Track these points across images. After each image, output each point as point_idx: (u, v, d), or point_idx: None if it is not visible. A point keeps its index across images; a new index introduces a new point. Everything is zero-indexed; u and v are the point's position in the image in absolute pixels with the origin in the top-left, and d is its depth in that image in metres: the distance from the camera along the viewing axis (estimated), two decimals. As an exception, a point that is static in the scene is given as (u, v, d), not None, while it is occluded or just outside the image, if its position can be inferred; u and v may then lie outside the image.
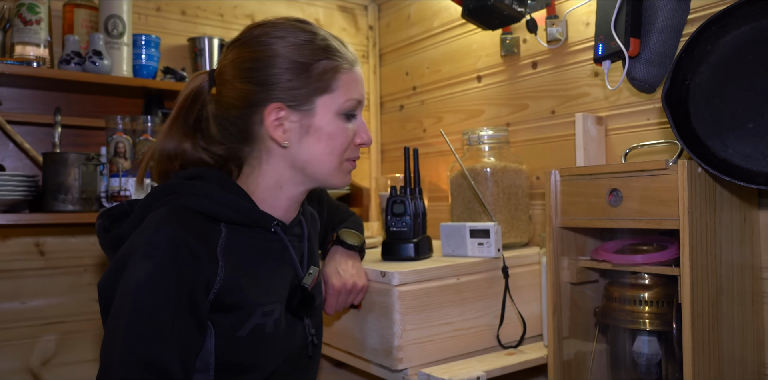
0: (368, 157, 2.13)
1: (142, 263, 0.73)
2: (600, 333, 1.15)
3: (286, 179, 0.89)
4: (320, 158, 0.87)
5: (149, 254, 0.74)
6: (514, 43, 1.57)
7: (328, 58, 0.86)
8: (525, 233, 1.41)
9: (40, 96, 1.53)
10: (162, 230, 0.76)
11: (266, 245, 0.88)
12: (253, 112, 0.85)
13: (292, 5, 1.97)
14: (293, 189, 0.90)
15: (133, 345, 0.70)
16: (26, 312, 1.51)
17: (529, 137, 1.55)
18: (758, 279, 1.05)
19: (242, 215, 0.84)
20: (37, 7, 1.37)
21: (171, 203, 0.82)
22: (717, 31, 0.92)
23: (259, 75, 0.84)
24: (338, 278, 1.07)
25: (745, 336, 1.01)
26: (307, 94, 0.85)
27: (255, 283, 0.83)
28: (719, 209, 0.96)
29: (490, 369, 1.07)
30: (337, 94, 0.86)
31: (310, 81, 0.84)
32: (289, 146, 0.86)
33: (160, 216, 0.79)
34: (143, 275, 0.73)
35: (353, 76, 0.89)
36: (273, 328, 0.85)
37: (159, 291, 0.73)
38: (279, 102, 0.84)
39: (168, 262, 0.74)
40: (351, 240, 1.12)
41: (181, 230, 0.77)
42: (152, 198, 0.84)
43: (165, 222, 0.77)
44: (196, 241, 0.77)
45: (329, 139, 0.87)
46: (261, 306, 0.83)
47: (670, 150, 1.20)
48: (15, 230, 1.51)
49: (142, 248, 0.75)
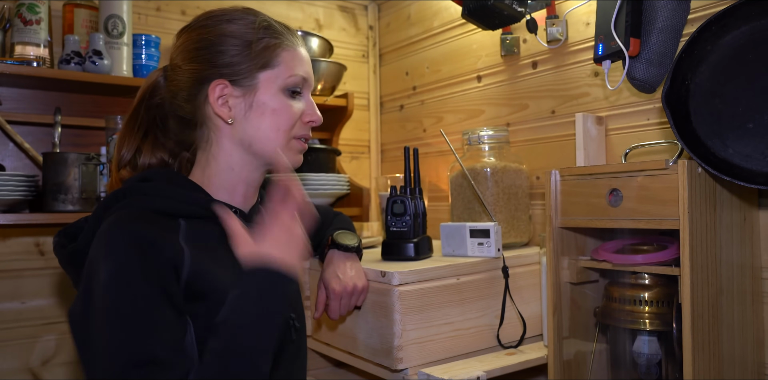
0: (368, 157, 2.13)
1: (105, 266, 0.72)
2: (600, 333, 1.15)
3: (236, 161, 0.89)
4: (266, 134, 0.87)
5: (108, 256, 0.73)
6: (514, 43, 1.57)
7: (269, 37, 0.88)
8: (525, 233, 1.41)
9: (40, 96, 1.53)
10: (116, 231, 0.75)
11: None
12: (199, 91, 0.87)
13: (291, 5, 1.97)
14: (246, 171, 0.90)
15: (118, 346, 0.68)
16: (26, 311, 1.51)
17: (529, 137, 1.55)
18: (758, 279, 1.05)
19: (197, 206, 0.84)
20: (37, 6, 1.37)
21: (124, 207, 0.81)
22: (717, 31, 0.92)
23: (203, 54, 0.86)
24: (338, 282, 1.07)
25: (745, 336, 1.01)
26: (249, 69, 0.86)
27: (223, 267, 0.82)
28: (719, 209, 0.96)
29: (490, 369, 1.07)
30: (279, 69, 0.87)
31: (252, 56, 0.86)
32: (234, 122, 0.87)
33: (115, 219, 0.77)
34: (107, 276, 0.71)
35: (296, 54, 0.89)
36: None
37: (128, 287, 0.71)
38: (222, 78, 0.85)
39: (130, 257, 0.73)
40: (347, 242, 1.12)
41: (136, 226, 0.75)
42: (102, 207, 0.83)
43: (118, 223, 0.76)
44: (154, 233, 0.76)
45: (273, 114, 0.87)
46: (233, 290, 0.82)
47: (670, 150, 1.20)
48: (15, 230, 1.51)
49: (102, 253, 0.73)
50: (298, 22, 1.99)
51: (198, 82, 0.87)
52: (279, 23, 0.91)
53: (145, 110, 0.92)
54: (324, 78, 1.79)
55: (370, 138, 2.13)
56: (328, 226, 1.20)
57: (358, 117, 2.08)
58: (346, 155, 2.07)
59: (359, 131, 2.11)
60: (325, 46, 1.84)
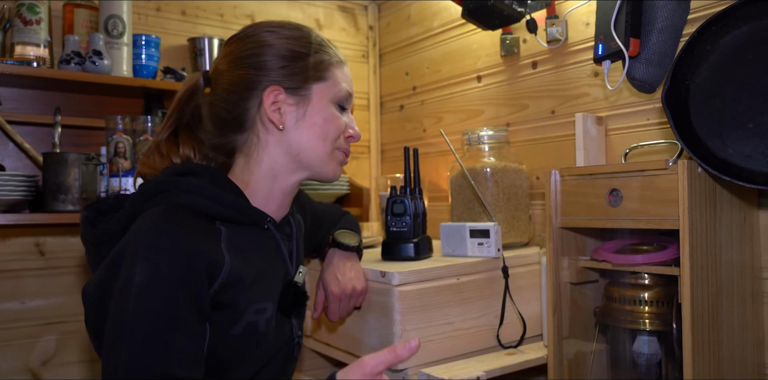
0: (368, 157, 2.13)
1: (142, 267, 0.71)
2: (600, 333, 1.15)
3: (280, 167, 0.89)
4: (314, 143, 0.89)
5: (148, 257, 0.72)
6: (514, 43, 1.57)
7: (322, 52, 0.91)
8: (525, 233, 1.41)
9: (40, 96, 1.53)
10: (161, 231, 0.74)
11: (261, 241, 0.87)
12: (251, 96, 0.87)
13: (292, 5, 1.97)
14: (287, 179, 0.90)
15: (139, 357, 0.68)
16: (26, 312, 1.51)
17: (529, 137, 1.55)
18: (758, 279, 1.05)
19: (236, 211, 0.83)
20: (37, 7, 1.37)
21: (165, 201, 0.80)
22: (717, 31, 0.92)
23: (257, 60, 0.87)
24: (337, 285, 1.07)
25: (745, 336, 1.01)
26: (304, 79, 0.88)
27: (253, 278, 0.83)
28: (719, 209, 0.96)
29: (490, 369, 1.07)
30: (330, 82, 0.90)
31: (306, 68, 0.88)
32: (285, 129, 0.88)
33: (156, 215, 0.77)
34: (144, 280, 0.71)
35: (344, 72, 0.93)
36: (265, 327, 0.85)
37: (163, 297, 0.71)
38: (277, 85, 0.87)
39: (170, 265, 0.72)
40: (347, 241, 1.12)
41: (179, 229, 0.75)
42: (142, 195, 0.82)
43: (163, 222, 0.75)
44: (197, 239, 0.76)
45: (324, 124, 0.90)
46: (254, 303, 0.83)
47: (670, 150, 1.20)
48: (15, 230, 1.51)
49: (141, 251, 0.72)
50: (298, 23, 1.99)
51: (250, 87, 0.87)
52: (329, 41, 0.94)
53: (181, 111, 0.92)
54: (324, 78, 1.78)
55: (370, 138, 2.13)
56: (335, 225, 1.20)
57: (358, 117, 2.08)
58: (346, 155, 2.07)
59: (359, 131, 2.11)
60: (325, 46, 1.84)
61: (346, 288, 1.07)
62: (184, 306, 0.72)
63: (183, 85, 0.92)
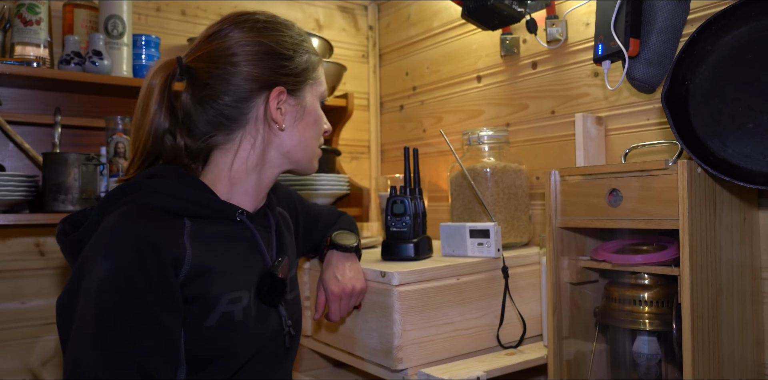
0: (368, 157, 2.13)
1: (103, 265, 0.70)
2: (600, 333, 1.15)
3: (269, 164, 0.90)
4: (307, 143, 0.92)
5: (108, 255, 0.71)
6: (514, 44, 1.57)
7: (311, 52, 0.93)
8: (525, 233, 1.41)
9: (40, 96, 1.53)
10: (118, 229, 0.74)
11: (234, 233, 0.87)
12: (255, 96, 0.87)
13: (292, 5, 1.97)
14: (270, 173, 0.91)
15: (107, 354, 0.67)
16: (26, 312, 1.51)
17: (529, 137, 1.55)
18: (758, 279, 1.05)
19: (204, 207, 0.83)
20: (37, 7, 1.37)
21: (129, 204, 0.80)
22: (717, 31, 0.92)
23: (269, 59, 0.87)
24: (336, 284, 1.07)
25: (745, 336, 1.01)
26: (302, 81, 0.91)
27: (222, 269, 0.81)
28: (719, 209, 0.96)
29: (490, 369, 1.07)
30: (317, 82, 0.94)
31: (303, 69, 0.90)
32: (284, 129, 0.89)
33: (118, 216, 0.76)
34: (106, 276, 0.70)
35: (322, 68, 0.97)
36: (242, 316, 0.83)
37: (126, 290, 0.70)
38: (282, 86, 0.88)
39: (131, 258, 0.71)
40: (345, 242, 1.12)
41: (139, 226, 0.74)
42: (108, 200, 0.82)
43: (125, 221, 0.75)
44: (158, 234, 0.75)
45: (315, 124, 0.93)
46: (227, 292, 0.81)
47: (670, 150, 1.20)
48: (15, 230, 1.51)
49: (101, 250, 0.72)
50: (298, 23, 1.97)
51: (256, 87, 0.86)
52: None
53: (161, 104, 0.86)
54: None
55: (370, 138, 2.13)
56: (332, 226, 1.20)
57: (358, 117, 2.08)
58: (346, 156, 2.07)
59: (359, 131, 2.11)
60: (325, 46, 1.84)
61: (346, 288, 1.07)
62: (150, 300, 0.71)
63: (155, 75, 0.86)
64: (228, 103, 0.86)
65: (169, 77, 0.86)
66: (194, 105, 0.87)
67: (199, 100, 0.87)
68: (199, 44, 0.89)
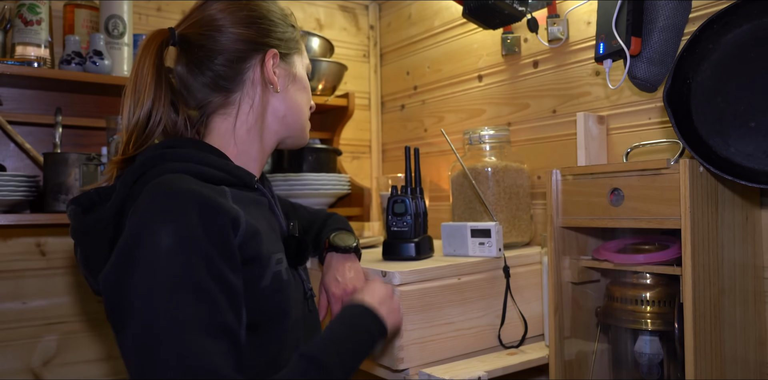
0: (369, 157, 2.13)
1: (164, 231, 0.68)
2: (601, 333, 1.15)
3: (268, 129, 0.91)
4: (300, 108, 0.95)
5: (167, 220, 0.69)
6: (515, 43, 1.57)
7: (299, 31, 0.98)
8: (526, 232, 1.41)
9: (40, 96, 1.53)
10: (173, 194, 0.72)
11: (257, 199, 0.88)
12: (250, 56, 0.88)
13: (292, 5, 1.97)
14: (270, 139, 0.93)
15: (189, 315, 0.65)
16: (27, 312, 1.51)
17: (530, 136, 1.55)
18: (760, 279, 1.05)
19: (228, 173, 0.83)
20: (38, 7, 1.37)
21: (160, 174, 0.77)
22: (719, 29, 0.92)
23: (260, 22, 0.89)
24: (337, 286, 1.07)
25: (747, 336, 1.00)
26: (292, 47, 0.94)
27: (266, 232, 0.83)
28: (721, 208, 0.95)
29: (492, 369, 1.07)
30: (303, 55, 0.98)
31: (294, 39, 0.95)
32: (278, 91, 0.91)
33: (161, 185, 0.74)
34: (171, 242, 0.67)
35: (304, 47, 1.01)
36: (287, 275, 0.85)
37: (195, 252, 0.68)
38: (275, 49, 0.90)
39: (195, 221, 0.70)
40: (344, 243, 1.11)
41: (195, 189, 0.73)
42: (131, 174, 0.79)
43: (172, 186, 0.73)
44: (215, 196, 0.74)
45: (305, 90, 0.96)
46: (273, 253, 0.82)
47: (672, 149, 1.20)
48: (16, 230, 1.51)
49: (159, 217, 0.69)
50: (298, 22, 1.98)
51: (251, 47, 0.88)
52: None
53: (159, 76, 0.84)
54: (325, 78, 1.78)
55: (371, 138, 2.13)
56: (323, 226, 1.20)
57: (359, 117, 2.08)
58: (347, 155, 2.07)
59: (360, 131, 2.11)
60: (326, 46, 1.84)
61: (347, 288, 1.07)
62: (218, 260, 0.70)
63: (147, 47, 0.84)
64: (223, 63, 0.87)
65: (162, 43, 0.86)
66: (190, 71, 0.88)
67: (195, 63, 0.87)
68: (189, 14, 0.91)
